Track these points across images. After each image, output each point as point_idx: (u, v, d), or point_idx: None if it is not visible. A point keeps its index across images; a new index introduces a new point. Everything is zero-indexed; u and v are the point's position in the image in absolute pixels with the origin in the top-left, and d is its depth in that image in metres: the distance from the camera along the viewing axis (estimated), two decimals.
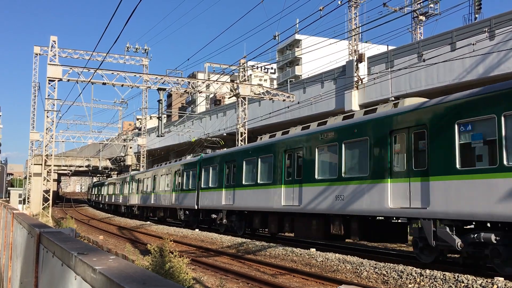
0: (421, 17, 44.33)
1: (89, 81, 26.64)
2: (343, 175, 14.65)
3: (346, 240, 17.12)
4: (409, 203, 12.18)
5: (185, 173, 28.12)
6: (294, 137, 17.90)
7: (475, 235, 10.45)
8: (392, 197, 12.66)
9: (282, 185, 17.82)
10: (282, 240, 20.23)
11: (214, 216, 23.69)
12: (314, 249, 15.61)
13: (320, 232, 15.92)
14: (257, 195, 19.62)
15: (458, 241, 10.67)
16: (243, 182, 20.68)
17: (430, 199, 11.43)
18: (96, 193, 69.82)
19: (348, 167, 14.69)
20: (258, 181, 19.58)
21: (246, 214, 21.48)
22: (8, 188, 61.29)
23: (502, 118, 10.07)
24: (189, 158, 29.66)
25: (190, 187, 26.98)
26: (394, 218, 13.73)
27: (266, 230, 21.27)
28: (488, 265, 11.24)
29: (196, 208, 25.71)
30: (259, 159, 19.75)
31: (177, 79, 29.41)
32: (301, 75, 67.42)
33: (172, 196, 29.89)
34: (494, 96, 10.41)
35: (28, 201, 47.74)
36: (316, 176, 15.91)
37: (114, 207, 53.74)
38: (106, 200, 58.54)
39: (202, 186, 25.12)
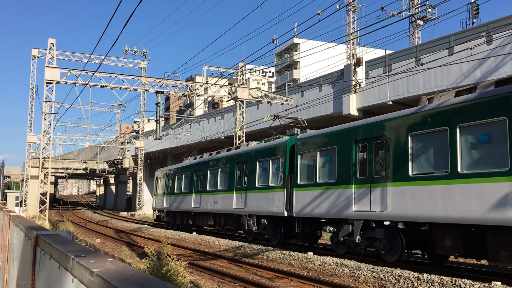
0: (419, 22, 44.50)
1: (87, 84, 26.61)
2: None
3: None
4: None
5: (257, 164, 20.48)
6: None
7: None
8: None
9: None
10: (279, 244, 20.19)
11: (330, 229, 15.67)
12: (312, 253, 15.59)
13: None
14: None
15: None
16: (410, 173, 12.44)
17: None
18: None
19: None
20: (460, 171, 11.02)
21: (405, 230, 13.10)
22: (5, 191, 61.10)
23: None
24: (254, 143, 22.47)
25: (270, 184, 19.39)
26: None
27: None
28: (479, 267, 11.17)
29: (285, 215, 18.08)
30: (457, 130, 11.24)
31: (175, 82, 29.41)
32: (299, 79, 67.57)
33: (233, 197, 22.26)
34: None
35: (25, 204, 47.60)
36: None
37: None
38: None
39: (299, 182, 17.37)
